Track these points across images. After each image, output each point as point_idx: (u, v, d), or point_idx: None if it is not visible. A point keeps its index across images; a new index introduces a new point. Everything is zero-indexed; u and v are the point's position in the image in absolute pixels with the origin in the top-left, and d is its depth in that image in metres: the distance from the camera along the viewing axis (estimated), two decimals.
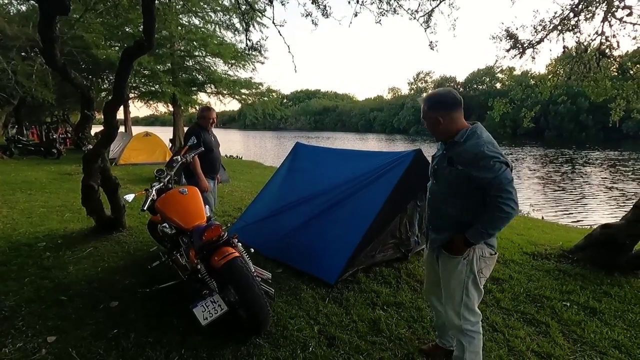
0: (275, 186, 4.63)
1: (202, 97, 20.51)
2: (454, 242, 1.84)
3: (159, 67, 13.94)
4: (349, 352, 2.29)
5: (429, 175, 2.06)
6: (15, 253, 3.62)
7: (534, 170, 18.62)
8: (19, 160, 12.28)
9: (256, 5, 3.96)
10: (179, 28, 13.98)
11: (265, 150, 30.96)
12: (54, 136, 14.93)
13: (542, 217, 8.50)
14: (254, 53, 10.09)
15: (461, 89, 70.84)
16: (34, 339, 2.27)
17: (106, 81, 17.19)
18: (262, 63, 16.11)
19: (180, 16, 14.24)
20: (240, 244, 2.65)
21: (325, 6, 3.77)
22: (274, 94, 17.89)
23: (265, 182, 7.88)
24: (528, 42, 4.28)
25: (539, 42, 4.20)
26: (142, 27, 10.87)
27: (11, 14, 13.84)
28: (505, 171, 1.68)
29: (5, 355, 2.10)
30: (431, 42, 4.53)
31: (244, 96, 16.79)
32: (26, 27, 11.85)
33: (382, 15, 4.22)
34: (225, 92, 15.99)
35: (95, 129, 10.66)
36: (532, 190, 13.30)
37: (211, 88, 16.30)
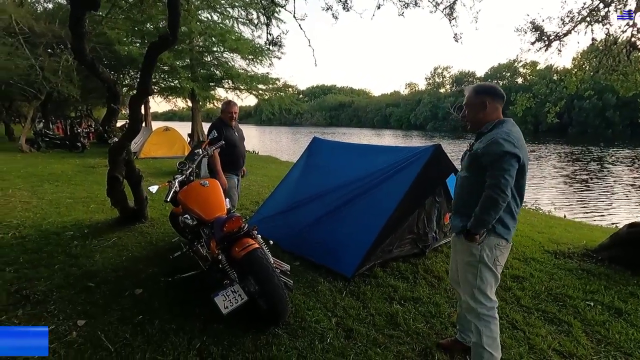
0: (293, 180, 4.66)
1: (220, 92, 20.84)
2: (467, 230, 1.90)
3: (178, 63, 14.17)
4: (367, 345, 2.30)
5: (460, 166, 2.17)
6: (45, 241, 3.79)
7: (559, 168, 18.00)
8: (45, 153, 12.76)
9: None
10: (198, 24, 14.15)
11: (280, 145, 31.13)
12: (79, 130, 15.42)
13: (565, 216, 8.27)
14: (273, 48, 10.13)
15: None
16: (65, 322, 2.39)
17: (127, 76, 17.63)
18: (279, 58, 16.17)
19: (200, 12, 14.42)
20: (259, 236, 2.69)
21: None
22: (290, 89, 17.97)
23: (281, 177, 7.95)
24: (554, 34, 4.14)
25: (566, 35, 4.05)
26: (162, 23, 11.06)
27: (38, 11, 14.33)
28: (508, 161, 1.74)
29: None
30: (456, 34, 4.44)
31: (260, 91, 16.91)
32: (52, 24, 12.24)
33: (405, 8, 4.16)
34: (242, 87, 16.13)
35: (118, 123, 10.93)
36: (557, 189, 12.92)
37: (229, 83, 16.48)
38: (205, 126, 20.12)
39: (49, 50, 12.40)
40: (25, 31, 11.53)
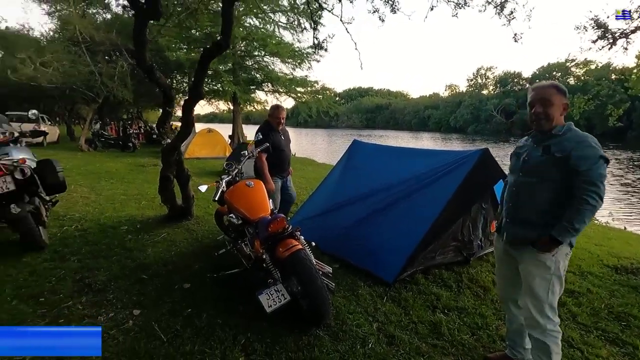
0: (333, 182, 4.68)
1: (260, 95, 21.43)
2: (542, 240, 1.77)
3: (221, 67, 14.76)
4: (410, 353, 2.26)
5: (512, 170, 2.03)
6: (103, 234, 4.09)
7: (618, 176, 16.51)
8: (101, 152, 13.80)
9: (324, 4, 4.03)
10: (241, 29, 14.68)
11: (316, 147, 31.35)
12: (130, 131, 16.51)
13: (625, 228, 7.59)
14: (319, 52, 10.25)
15: (528, 85, 65.45)
16: (122, 310, 2.56)
17: (174, 81, 18.64)
18: (318, 62, 16.39)
19: (243, 18, 14.94)
20: (302, 237, 2.73)
21: (394, 1, 3.70)
22: (328, 91, 18.10)
23: (318, 179, 8.00)
24: (620, 31, 3.82)
25: (633, 32, 3.72)
26: (208, 29, 11.55)
27: (98, 22, 15.50)
28: (602, 165, 1.67)
29: (101, 322, 2.39)
30: (515, 34, 4.20)
31: (299, 94, 17.18)
32: (110, 33, 13.22)
33: (459, 8, 4.03)
34: (281, 90, 16.48)
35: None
36: (616, 199, 11.88)
37: (268, 86, 16.91)
38: (245, 128, 20.78)
39: (107, 57, 13.39)
40: (87, 40, 12.54)
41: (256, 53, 15.65)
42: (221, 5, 2.96)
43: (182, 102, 4.18)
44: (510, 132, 53.66)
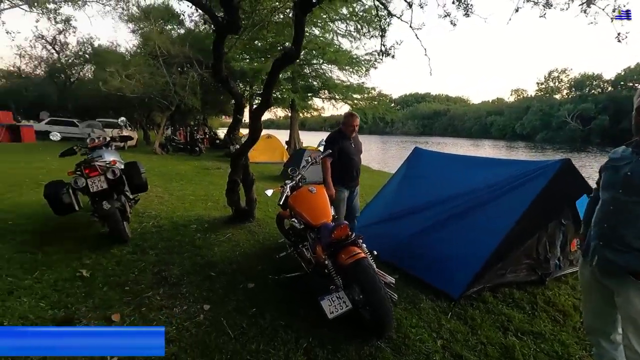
0: (392, 190, 4.59)
1: (317, 102, 21.91)
2: None
3: (280, 75, 15.35)
4: None
5: (607, 185, 1.75)
6: (175, 232, 4.44)
7: None
8: (172, 155, 15.05)
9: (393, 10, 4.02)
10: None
11: (370, 154, 30.95)
12: (197, 137, 17.82)
13: None
14: (384, 58, 10.21)
15: (610, 88, 58.67)
16: (194, 304, 2.74)
17: (237, 88, 19.75)
18: (375, 68, 16.29)
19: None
20: (365, 245, 2.71)
21: (467, 4, 3.54)
22: (384, 98, 17.91)
23: (374, 186, 7.87)
24: None
25: None
26: (269, 40, 12.06)
27: (173, 37, 17.04)
28: None
29: (176, 314, 2.59)
30: (619, 33, 3.77)
31: (355, 101, 17.23)
32: (184, 47, 14.46)
33: (548, 8, 3.73)
34: (338, 97, 16.65)
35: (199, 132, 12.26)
36: None
37: (325, 94, 17.19)
38: (301, 134, 21.33)
39: (179, 69, 14.65)
40: (164, 54, 13.87)
41: (314, 61, 16.02)
42: (294, 15, 3.08)
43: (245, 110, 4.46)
44: (588, 141, 48.41)
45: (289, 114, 18.51)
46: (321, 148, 3.78)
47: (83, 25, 74.58)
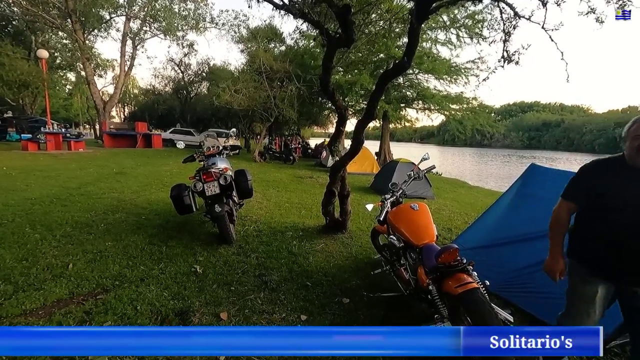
0: (502, 212, 4.08)
1: (410, 112, 21.29)
2: None
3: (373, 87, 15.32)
4: None
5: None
6: (273, 237, 4.66)
7: None
8: (268, 163, 16.17)
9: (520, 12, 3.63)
10: (397, 49, 14.94)
11: (464, 168, 28.71)
12: (291, 146, 18.86)
13: None
14: (506, 65, 9.48)
15: None
16: (291, 313, 2.80)
17: (328, 102, 20.40)
18: (477, 76, 15.11)
19: (398, 38, 15.20)
20: (475, 274, 2.42)
21: None
22: (485, 109, 16.46)
23: (473, 203, 7.16)
24: None
25: None
26: (360, 53, 12.16)
27: (276, 53, 18.43)
28: None
29: (276, 320, 2.67)
30: None
31: (452, 112, 16.21)
32: (285, 63, 15.52)
33: None
34: (433, 107, 15.89)
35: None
36: None
37: (419, 104, 16.57)
38: (392, 145, 20.91)
39: (279, 83, 15.72)
40: (268, 70, 15.08)
41: (409, 71, 15.60)
42: (410, 25, 2.99)
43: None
44: None
45: (377, 124, 18.33)
46: (426, 163, 3.57)
47: (202, 47, 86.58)
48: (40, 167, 9.54)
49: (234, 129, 6.01)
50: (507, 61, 3.42)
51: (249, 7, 14.58)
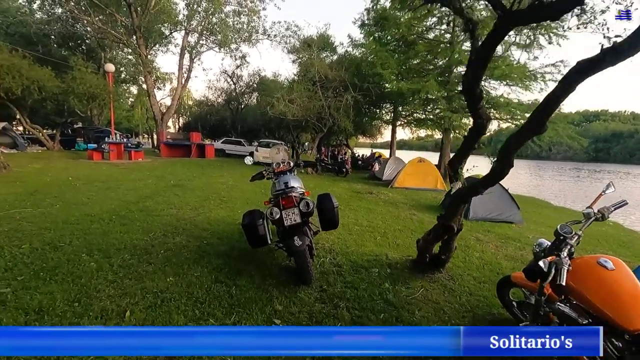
0: None
1: (464, 121, 19.67)
2: None
3: (438, 93, 14.14)
4: None
5: None
6: (357, 276, 3.79)
7: None
8: (320, 175, 15.47)
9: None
10: (456, 56, 13.72)
11: (533, 183, 25.80)
12: (342, 158, 18.09)
13: None
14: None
15: None
16: None
17: (383, 109, 19.45)
18: (555, 81, 13.39)
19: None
20: None
21: None
22: (567, 118, 14.61)
23: (593, 236, 5.82)
24: None
25: None
26: (417, 61, 11.12)
27: (329, 62, 17.95)
28: None
29: None
30: None
31: (523, 121, 14.53)
32: (340, 72, 14.87)
33: None
34: (503, 117, 14.34)
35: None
36: None
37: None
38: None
39: (333, 92, 15.10)
40: (322, 79, 14.52)
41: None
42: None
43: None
44: None
45: (440, 136, 17.00)
46: (611, 195, 2.48)
47: (254, 59, 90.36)
48: (103, 178, 9.58)
49: (307, 143, 5.32)
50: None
51: None
